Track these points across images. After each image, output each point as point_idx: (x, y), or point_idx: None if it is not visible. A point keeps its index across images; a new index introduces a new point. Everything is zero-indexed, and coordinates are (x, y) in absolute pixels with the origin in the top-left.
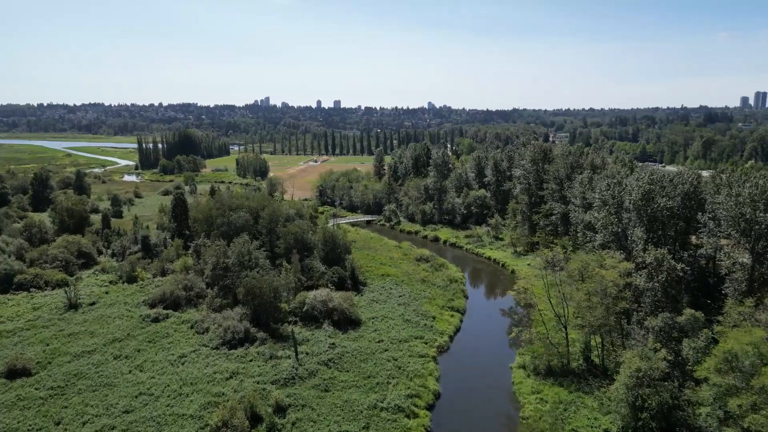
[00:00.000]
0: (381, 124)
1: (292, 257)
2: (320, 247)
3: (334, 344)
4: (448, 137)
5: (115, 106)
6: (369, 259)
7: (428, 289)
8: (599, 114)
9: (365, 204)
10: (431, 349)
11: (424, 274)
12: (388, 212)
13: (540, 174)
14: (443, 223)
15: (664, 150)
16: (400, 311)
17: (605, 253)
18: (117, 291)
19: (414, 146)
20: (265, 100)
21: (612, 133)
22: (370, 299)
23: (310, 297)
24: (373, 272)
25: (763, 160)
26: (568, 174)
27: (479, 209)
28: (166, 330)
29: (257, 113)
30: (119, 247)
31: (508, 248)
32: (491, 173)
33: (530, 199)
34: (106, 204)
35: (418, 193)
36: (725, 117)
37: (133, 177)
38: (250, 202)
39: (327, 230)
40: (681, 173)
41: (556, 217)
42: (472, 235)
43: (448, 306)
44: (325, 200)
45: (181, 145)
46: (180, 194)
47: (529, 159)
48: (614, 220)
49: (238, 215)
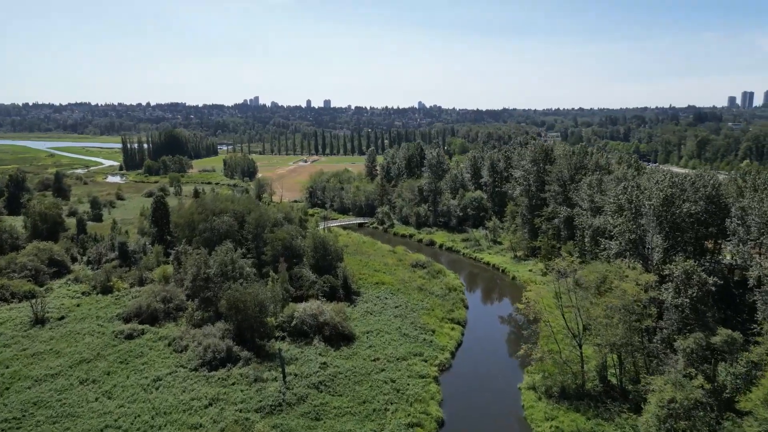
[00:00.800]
0: (371, 123)
1: (279, 266)
2: (310, 254)
3: (325, 363)
4: (439, 137)
5: (102, 106)
6: (362, 266)
7: (426, 299)
8: (589, 113)
9: (357, 206)
10: (432, 367)
11: (421, 281)
12: (381, 215)
13: (541, 175)
14: (438, 225)
15: (658, 149)
16: (396, 324)
17: (622, 262)
18: (89, 303)
19: (407, 146)
20: (255, 100)
21: (603, 132)
22: (364, 310)
23: (300, 310)
24: (367, 280)
25: (757, 160)
26: (572, 175)
27: (476, 211)
28: (140, 348)
29: (246, 113)
30: (95, 254)
31: (507, 253)
32: (488, 174)
33: (530, 202)
34: (86, 207)
35: (412, 194)
36: (715, 116)
37: (117, 178)
38: (235, 205)
39: (317, 236)
40: (701, 175)
41: (559, 220)
42: (469, 239)
43: (447, 318)
44: (315, 202)
45: (167, 145)
46: (160, 197)
47: (530, 159)
48: (632, 227)
49: (221, 220)
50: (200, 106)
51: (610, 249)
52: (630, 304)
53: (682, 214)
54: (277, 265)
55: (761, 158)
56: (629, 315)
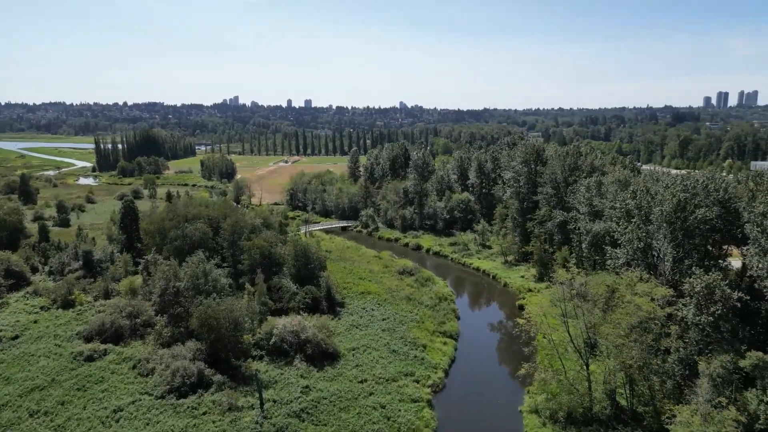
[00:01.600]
0: (353, 123)
1: (257, 278)
2: (291, 262)
3: (308, 387)
4: (422, 137)
5: (77, 105)
6: (346, 273)
7: (415, 310)
8: (568, 113)
9: (340, 208)
10: (424, 389)
11: (409, 290)
12: (365, 218)
13: (532, 177)
14: (425, 229)
15: (640, 149)
16: (385, 339)
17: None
18: (48, 319)
19: (391, 146)
20: (234, 100)
21: (584, 132)
22: (349, 324)
23: (279, 326)
24: (352, 289)
25: (739, 159)
26: (566, 177)
27: (463, 214)
28: (101, 372)
29: (226, 113)
30: (57, 263)
31: (497, 257)
32: (475, 175)
33: (521, 204)
34: (53, 211)
35: (397, 196)
36: (693, 116)
37: (89, 180)
38: (210, 210)
39: (298, 243)
40: (713, 178)
41: (552, 224)
42: (457, 243)
43: (439, 330)
44: (296, 204)
45: (143, 146)
46: (129, 201)
47: (520, 160)
48: (642, 235)
49: (194, 227)
50: (179, 106)
51: (617, 259)
52: (646, 322)
53: (696, 220)
54: (254, 277)
55: (743, 157)
56: (645, 334)
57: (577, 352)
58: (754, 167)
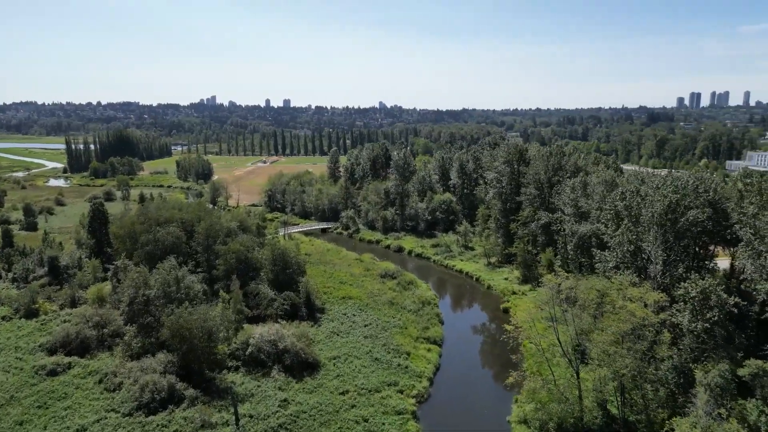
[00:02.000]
0: (332, 123)
1: (232, 284)
2: (268, 267)
3: (286, 400)
4: (402, 137)
5: (49, 105)
6: (327, 277)
7: (398, 315)
8: (546, 114)
9: (319, 210)
10: (409, 399)
11: (392, 294)
12: (345, 219)
13: (515, 177)
14: (406, 230)
15: (618, 149)
16: (367, 347)
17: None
18: (9, 330)
19: (371, 146)
20: (212, 99)
21: (562, 132)
22: (329, 331)
23: (256, 335)
24: (332, 294)
25: (715, 158)
26: (549, 177)
27: (445, 215)
28: (64, 388)
29: (203, 112)
30: (21, 270)
31: (480, 259)
32: (456, 175)
33: (504, 205)
34: (20, 214)
35: (378, 197)
36: (667, 116)
37: (60, 181)
38: (183, 213)
39: (276, 247)
40: (702, 179)
41: (536, 225)
42: (439, 245)
43: (423, 337)
44: (274, 206)
45: (116, 146)
46: (99, 204)
47: (503, 160)
48: (632, 237)
49: (166, 231)
50: (155, 106)
51: (607, 262)
52: (639, 329)
53: (687, 222)
54: (229, 283)
55: (718, 157)
56: (639, 342)
57: (567, 359)
58: (729, 167)
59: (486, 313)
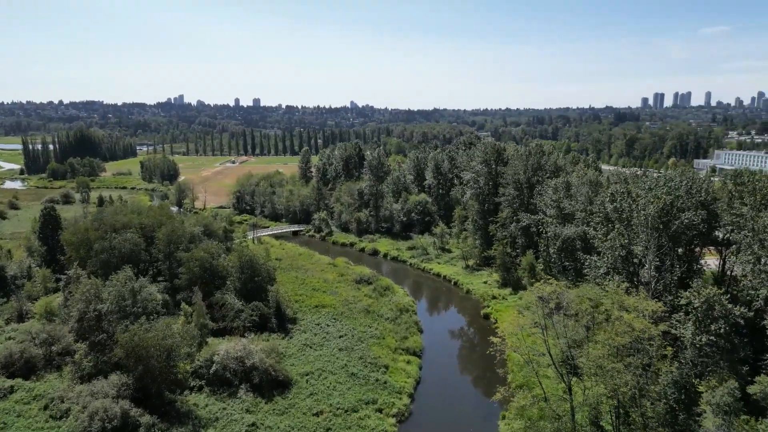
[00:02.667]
0: (303, 123)
1: (194, 296)
2: (235, 275)
3: (254, 425)
4: (374, 136)
5: (8, 104)
6: (299, 284)
7: (374, 324)
8: (516, 113)
9: (291, 212)
10: (389, 419)
11: (368, 301)
12: (318, 221)
13: (493, 177)
14: (381, 232)
15: (588, 148)
16: (342, 360)
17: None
18: None
19: (344, 146)
20: (179, 98)
21: (532, 131)
22: (302, 343)
23: (221, 352)
24: (305, 302)
25: (682, 157)
26: (528, 177)
27: (421, 216)
28: (5, 416)
29: (170, 112)
30: None
31: (458, 262)
32: (432, 176)
33: (482, 207)
34: None
35: (352, 198)
36: (633, 116)
37: (16, 183)
38: (143, 218)
39: (244, 253)
40: (694, 179)
41: (515, 227)
42: (415, 247)
43: (401, 348)
44: (243, 208)
45: (77, 146)
46: (50, 208)
47: (480, 160)
48: (624, 242)
49: (123, 238)
50: (119, 105)
51: (597, 268)
52: (639, 342)
53: (682, 224)
54: (191, 296)
55: (685, 155)
56: (639, 356)
57: (558, 374)
58: (697, 165)
59: (466, 319)
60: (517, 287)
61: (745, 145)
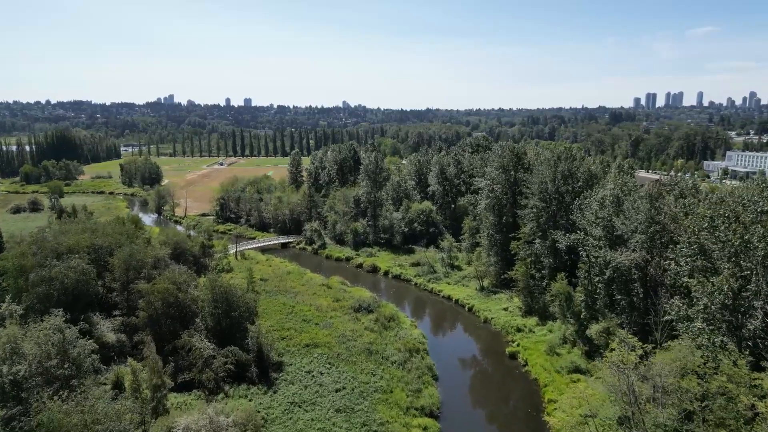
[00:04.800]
0: (295, 123)
1: (146, 348)
2: (207, 311)
3: None
4: (369, 137)
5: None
6: (286, 314)
7: (379, 370)
8: (509, 114)
9: (279, 221)
10: None
11: (369, 336)
12: (309, 232)
13: (513, 186)
14: (380, 244)
15: (590, 149)
16: (340, 427)
17: (712, 337)
18: None
19: (338, 148)
20: (169, 98)
21: (528, 132)
22: (288, 400)
23: (181, 428)
24: (293, 340)
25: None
26: (558, 187)
27: (424, 226)
28: None
29: (160, 112)
30: None
31: (470, 282)
32: (436, 181)
33: (499, 219)
34: None
35: (347, 207)
36: (629, 116)
37: None
38: (97, 237)
39: (218, 284)
40: None
41: (540, 244)
42: (420, 263)
43: (414, 406)
44: (227, 216)
45: (56, 148)
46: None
47: (497, 165)
48: (735, 286)
49: (68, 266)
50: (108, 105)
51: (689, 321)
52: None
53: None
54: (156, 330)
55: (692, 156)
56: None
57: None
58: (707, 167)
59: (488, 360)
60: (544, 316)
61: (752, 146)
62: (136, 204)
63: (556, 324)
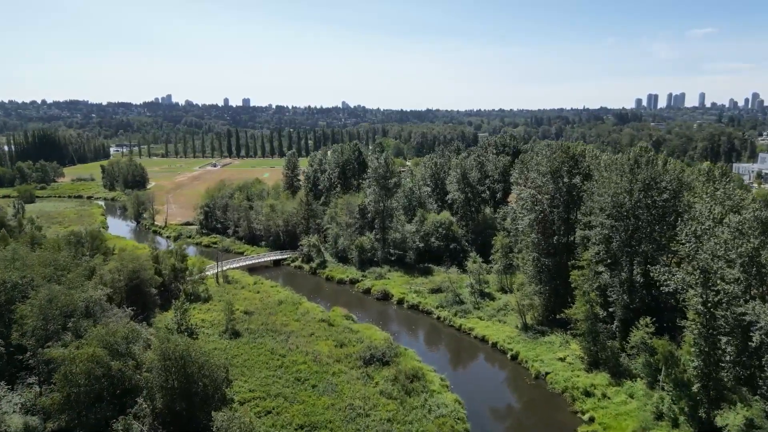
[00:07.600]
0: (294, 123)
1: None
2: (156, 384)
3: None
4: (369, 137)
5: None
6: (274, 370)
7: None
8: (510, 114)
9: (272, 233)
10: None
11: (388, 408)
12: (307, 248)
13: (568, 197)
14: (390, 263)
15: (606, 150)
16: None
17: None
18: None
19: (340, 149)
20: (167, 98)
21: (534, 132)
22: None
23: None
24: (281, 417)
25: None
26: (636, 201)
27: (443, 242)
28: None
29: (157, 111)
30: None
31: (507, 316)
32: (457, 188)
33: (547, 240)
34: None
35: (351, 217)
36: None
37: None
38: (10, 272)
39: (169, 348)
40: None
41: (618, 280)
42: (441, 289)
43: None
44: (213, 226)
45: (39, 148)
46: None
47: (546, 170)
48: None
49: None
50: (104, 105)
51: None
52: None
53: None
54: (85, 415)
55: (717, 158)
56: None
57: None
58: (737, 170)
59: None
60: (616, 372)
61: None
62: (117, 210)
63: (637, 384)
